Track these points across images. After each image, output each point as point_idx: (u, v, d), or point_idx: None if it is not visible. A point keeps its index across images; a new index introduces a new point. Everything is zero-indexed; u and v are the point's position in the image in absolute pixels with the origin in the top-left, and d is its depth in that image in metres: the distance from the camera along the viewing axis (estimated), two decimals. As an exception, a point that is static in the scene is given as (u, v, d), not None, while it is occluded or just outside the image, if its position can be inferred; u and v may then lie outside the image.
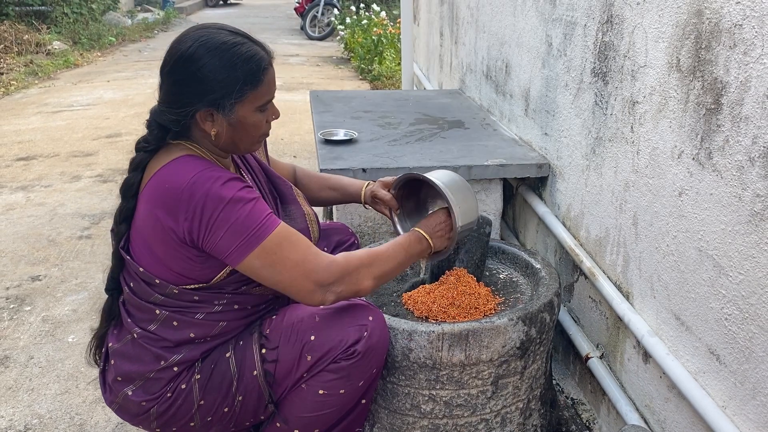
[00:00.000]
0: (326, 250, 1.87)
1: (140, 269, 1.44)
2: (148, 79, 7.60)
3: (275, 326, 1.51)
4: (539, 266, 1.89)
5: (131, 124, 5.58)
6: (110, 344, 1.52)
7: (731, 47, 1.31)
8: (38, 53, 8.66)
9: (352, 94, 3.69)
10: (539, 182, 2.42)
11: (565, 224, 2.21)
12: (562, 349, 2.25)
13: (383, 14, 8.79)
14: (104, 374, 1.56)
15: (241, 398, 1.50)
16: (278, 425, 1.54)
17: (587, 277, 1.98)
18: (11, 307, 2.75)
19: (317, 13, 11.17)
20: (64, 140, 5.18)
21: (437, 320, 1.69)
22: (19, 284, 2.94)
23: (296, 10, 12.07)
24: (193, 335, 1.47)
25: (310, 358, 1.47)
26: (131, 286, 1.48)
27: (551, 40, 2.25)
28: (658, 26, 1.58)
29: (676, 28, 1.50)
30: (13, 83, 7.27)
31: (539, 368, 1.74)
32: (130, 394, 1.49)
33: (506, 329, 1.60)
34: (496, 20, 2.96)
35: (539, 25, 2.37)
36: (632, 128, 1.72)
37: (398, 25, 7.11)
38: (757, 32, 1.23)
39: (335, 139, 2.57)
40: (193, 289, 1.44)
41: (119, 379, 1.50)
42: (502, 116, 2.91)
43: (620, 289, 1.83)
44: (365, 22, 8.90)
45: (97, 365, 1.60)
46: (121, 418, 1.57)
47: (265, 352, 1.49)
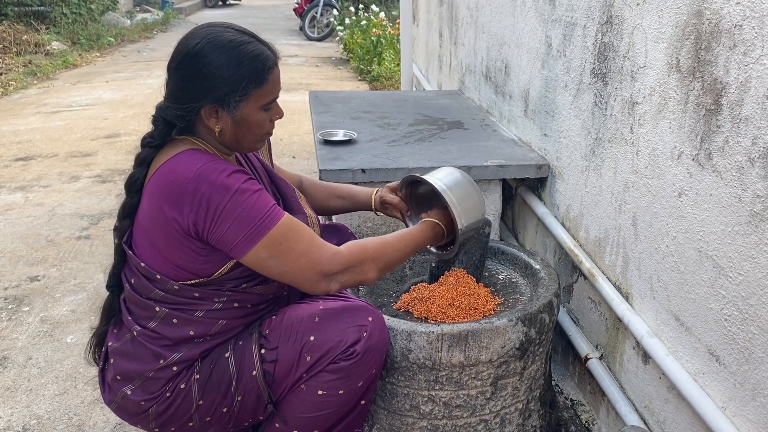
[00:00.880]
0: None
1: (141, 264, 1.44)
2: (147, 79, 7.60)
3: (275, 326, 1.51)
4: (538, 267, 1.89)
5: (130, 124, 5.58)
6: (110, 343, 1.53)
7: (731, 48, 1.31)
8: (37, 53, 8.66)
9: (351, 94, 3.68)
10: (539, 183, 2.42)
11: (564, 225, 2.21)
12: (561, 349, 2.25)
13: (382, 15, 8.80)
14: (103, 373, 1.56)
15: (240, 398, 1.50)
16: (277, 426, 1.54)
17: (587, 277, 1.98)
18: (10, 307, 2.75)
19: (316, 13, 11.17)
20: (62, 140, 5.17)
21: (436, 321, 1.69)
22: (17, 284, 2.94)
23: (295, 10, 12.07)
24: (192, 333, 1.47)
25: (309, 358, 1.47)
26: (132, 282, 1.48)
27: (551, 40, 2.25)
28: (657, 27, 1.58)
29: (675, 28, 1.50)
30: (11, 83, 7.26)
31: (538, 369, 1.74)
32: (129, 393, 1.49)
33: (505, 330, 1.59)
34: (495, 21, 2.96)
35: (539, 25, 2.37)
36: (632, 129, 1.72)
37: (397, 25, 7.10)
38: (757, 33, 1.23)
39: (334, 139, 2.58)
40: (193, 284, 1.45)
41: (118, 378, 1.50)
42: (501, 117, 2.91)
43: (620, 289, 1.83)
44: (364, 22, 8.91)
45: (96, 364, 1.60)
46: (119, 417, 1.57)
47: (264, 352, 1.49)
